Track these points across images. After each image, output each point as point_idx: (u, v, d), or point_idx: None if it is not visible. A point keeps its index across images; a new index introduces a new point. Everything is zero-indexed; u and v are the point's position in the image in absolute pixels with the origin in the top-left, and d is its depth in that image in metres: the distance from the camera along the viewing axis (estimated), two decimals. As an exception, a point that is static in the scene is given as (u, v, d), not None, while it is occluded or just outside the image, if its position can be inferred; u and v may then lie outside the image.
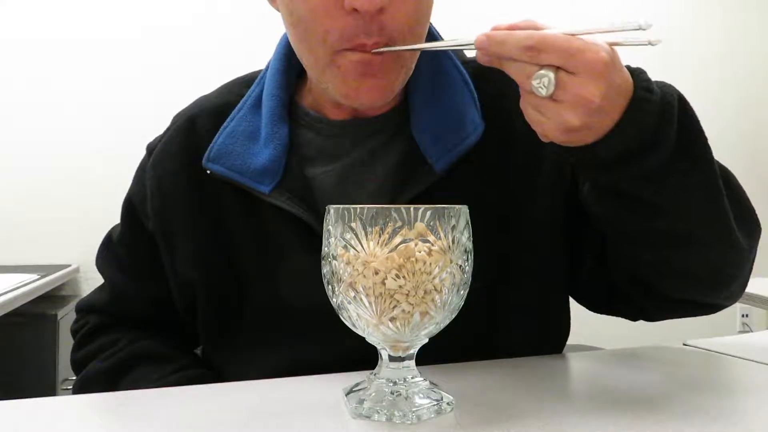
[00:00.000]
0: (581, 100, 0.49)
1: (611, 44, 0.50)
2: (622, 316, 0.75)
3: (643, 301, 0.70)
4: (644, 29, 0.49)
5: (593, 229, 0.69)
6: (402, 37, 0.63)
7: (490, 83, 0.73)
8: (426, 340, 0.52)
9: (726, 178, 0.61)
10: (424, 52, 0.71)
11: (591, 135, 0.51)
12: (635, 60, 0.55)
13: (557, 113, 0.50)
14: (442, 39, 0.76)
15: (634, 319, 0.74)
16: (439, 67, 0.73)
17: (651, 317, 0.73)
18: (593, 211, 0.65)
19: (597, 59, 0.48)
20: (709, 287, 0.65)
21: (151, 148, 0.79)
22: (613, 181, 0.56)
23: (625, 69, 0.52)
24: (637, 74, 0.53)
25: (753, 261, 0.65)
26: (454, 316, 0.51)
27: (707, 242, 0.60)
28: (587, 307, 0.77)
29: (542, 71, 0.49)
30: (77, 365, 0.81)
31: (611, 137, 0.51)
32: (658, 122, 0.52)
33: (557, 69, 0.49)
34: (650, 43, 0.49)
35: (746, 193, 0.64)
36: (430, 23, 0.72)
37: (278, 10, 0.69)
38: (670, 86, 0.55)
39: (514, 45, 0.50)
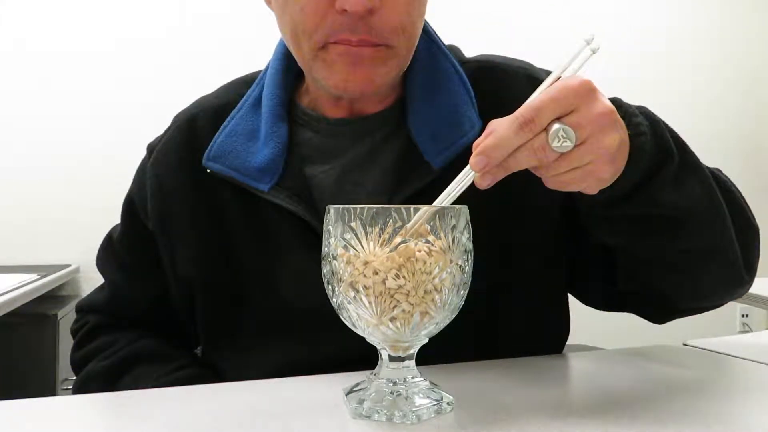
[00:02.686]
0: (603, 128, 0.48)
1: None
2: (629, 313, 0.75)
3: (651, 310, 0.72)
4: (589, 42, 0.50)
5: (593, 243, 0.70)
6: (394, 37, 0.64)
7: (488, 83, 0.73)
8: (426, 340, 0.52)
9: (724, 185, 0.64)
10: (421, 51, 0.71)
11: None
12: (634, 65, 0.55)
13: (589, 154, 0.48)
14: (438, 37, 0.76)
15: (639, 315, 0.75)
16: (436, 65, 0.73)
17: (657, 322, 0.74)
18: (606, 242, 0.65)
19: (582, 86, 0.48)
20: (721, 295, 0.67)
21: (151, 148, 0.79)
22: (631, 209, 0.57)
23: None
24: (615, 102, 0.53)
25: (757, 262, 0.67)
26: (454, 316, 0.51)
27: (719, 255, 0.62)
28: (591, 306, 0.77)
29: (552, 129, 0.47)
30: (77, 365, 0.81)
31: (630, 167, 0.53)
32: (655, 138, 0.55)
33: (559, 120, 0.48)
34: (593, 52, 0.50)
35: (744, 199, 0.66)
36: (426, 21, 0.72)
37: (273, 11, 0.69)
38: (638, 106, 0.57)
39: (508, 136, 0.47)
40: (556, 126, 0.47)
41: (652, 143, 0.54)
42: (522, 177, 0.70)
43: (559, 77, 0.51)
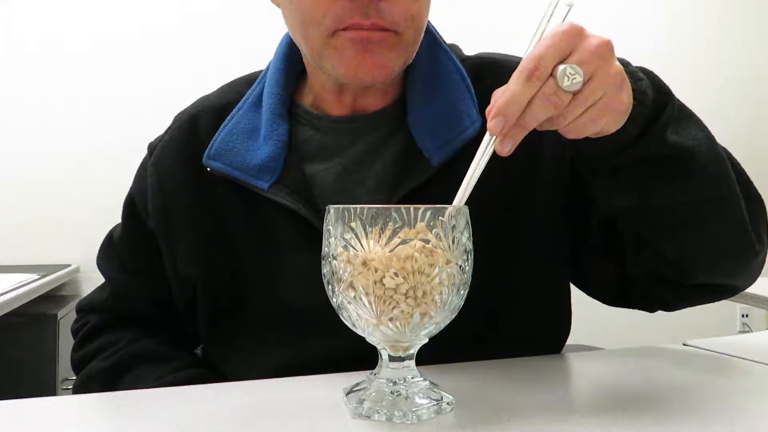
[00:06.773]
0: (607, 59, 0.49)
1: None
2: (638, 309, 0.74)
3: (663, 293, 0.69)
4: None
5: (597, 225, 0.70)
6: (403, 24, 0.64)
7: (488, 79, 0.73)
8: (426, 340, 0.52)
9: (725, 150, 0.64)
10: (422, 48, 0.71)
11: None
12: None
13: (600, 87, 0.49)
14: (439, 35, 0.76)
15: (651, 310, 0.73)
16: (437, 62, 0.73)
17: (670, 307, 0.72)
18: (616, 205, 0.63)
19: (571, 28, 0.49)
20: (734, 262, 0.65)
21: (152, 147, 0.79)
22: (641, 151, 0.56)
23: None
24: None
25: (765, 234, 0.65)
26: (454, 316, 0.51)
27: (728, 208, 0.61)
28: (601, 301, 0.76)
29: (558, 70, 0.47)
30: (77, 365, 0.81)
31: (635, 109, 0.53)
32: (653, 83, 0.56)
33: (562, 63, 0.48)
34: (568, 6, 0.51)
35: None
36: (429, 22, 0.72)
37: (279, 6, 0.69)
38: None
39: (518, 89, 0.48)
40: (561, 67, 0.47)
41: (651, 87, 0.55)
42: (522, 174, 0.71)
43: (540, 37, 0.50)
